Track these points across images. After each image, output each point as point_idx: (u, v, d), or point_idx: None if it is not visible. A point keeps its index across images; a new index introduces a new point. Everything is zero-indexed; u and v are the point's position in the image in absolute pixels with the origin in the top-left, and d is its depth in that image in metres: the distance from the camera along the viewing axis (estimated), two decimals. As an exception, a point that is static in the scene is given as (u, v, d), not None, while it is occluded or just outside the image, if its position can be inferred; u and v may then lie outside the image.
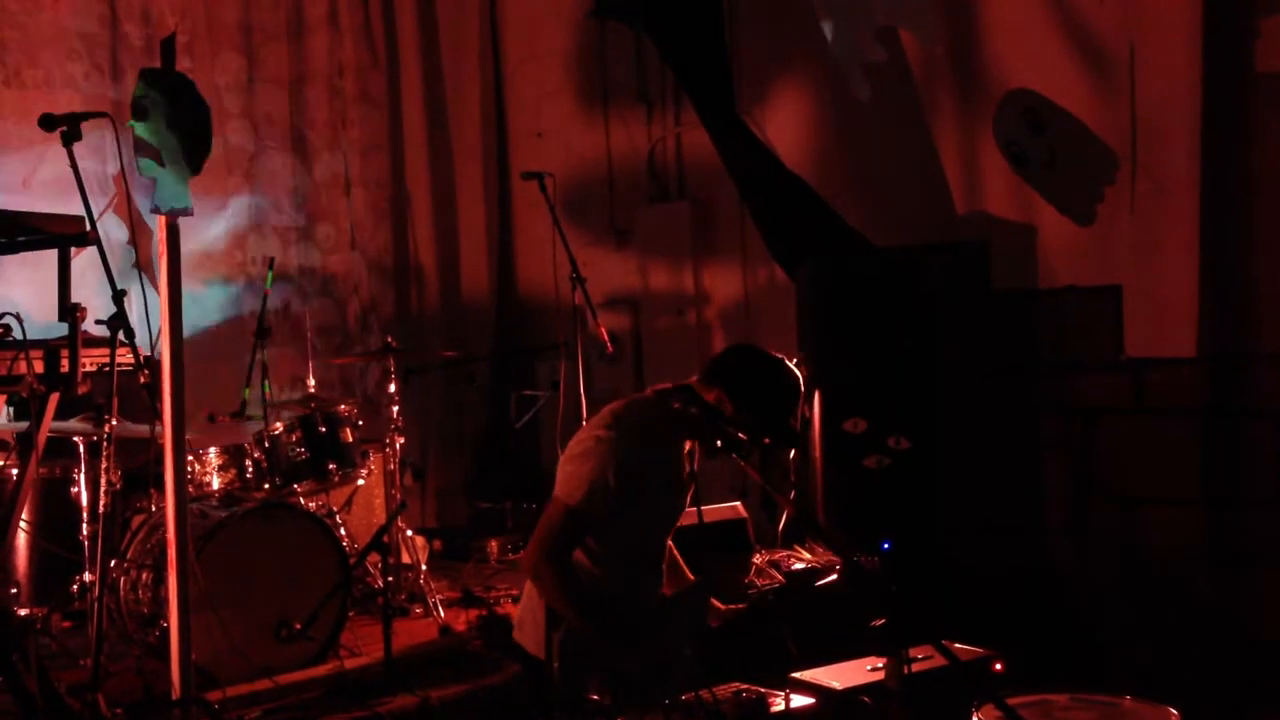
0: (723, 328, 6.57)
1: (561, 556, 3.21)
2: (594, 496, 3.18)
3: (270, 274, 5.54)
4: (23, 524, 4.43)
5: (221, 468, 4.89)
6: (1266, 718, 4.33)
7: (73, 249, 3.70)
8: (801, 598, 4.50)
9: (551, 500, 3.26)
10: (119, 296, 3.43)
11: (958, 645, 3.31)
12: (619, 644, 3.17)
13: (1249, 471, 4.65)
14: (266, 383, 5.29)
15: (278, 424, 4.98)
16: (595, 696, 2.62)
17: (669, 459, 3.40)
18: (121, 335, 3.47)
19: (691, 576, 3.60)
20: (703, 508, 4.88)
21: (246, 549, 4.24)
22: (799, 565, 5.03)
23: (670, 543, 3.61)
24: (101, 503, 3.90)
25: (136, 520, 4.57)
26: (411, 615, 5.04)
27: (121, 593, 4.32)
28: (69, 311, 3.53)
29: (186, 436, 3.71)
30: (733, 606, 3.50)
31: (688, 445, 3.45)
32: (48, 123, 3.35)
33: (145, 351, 3.62)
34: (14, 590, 4.50)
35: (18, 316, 3.52)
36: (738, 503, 5.11)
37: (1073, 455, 5.10)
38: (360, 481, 5.38)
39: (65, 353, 3.59)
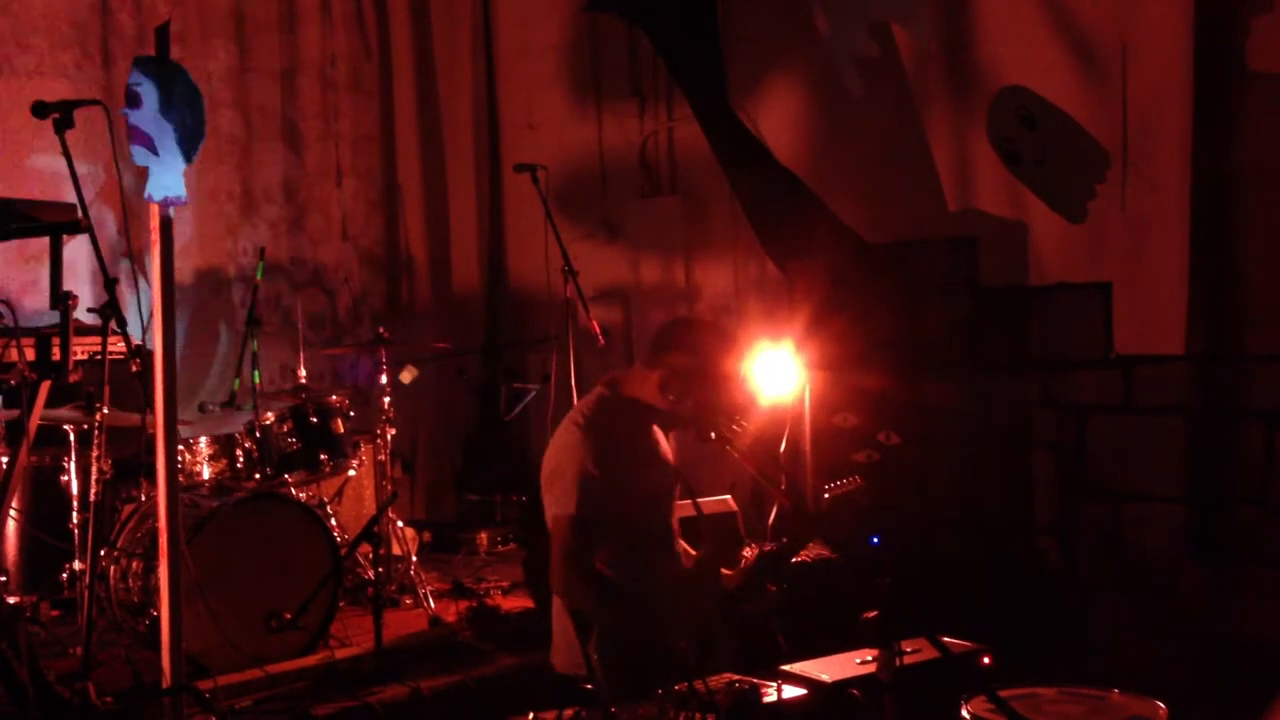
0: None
1: (583, 565, 3.24)
2: (587, 495, 3.23)
3: (261, 264, 5.52)
4: (13, 512, 4.43)
5: (212, 457, 4.88)
6: (1249, 713, 4.35)
7: (64, 237, 3.70)
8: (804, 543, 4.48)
9: (552, 523, 3.31)
10: (110, 285, 3.43)
11: (946, 639, 3.33)
12: (661, 632, 3.22)
13: (1236, 470, 4.68)
14: (257, 373, 5.28)
15: (269, 414, 4.97)
16: (589, 686, 2.63)
17: (640, 440, 3.45)
18: (113, 324, 3.47)
19: (693, 552, 3.66)
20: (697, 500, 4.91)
21: (237, 539, 4.24)
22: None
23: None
24: (92, 491, 3.89)
25: (127, 509, 4.56)
26: (402, 606, 5.04)
27: (111, 582, 4.31)
28: (60, 299, 3.52)
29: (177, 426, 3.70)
30: (742, 567, 3.53)
31: (653, 428, 3.49)
32: (40, 110, 3.34)
33: (136, 340, 3.61)
34: (3, 578, 4.49)
35: (9, 304, 3.51)
36: (728, 496, 5.13)
37: (1062, 452, 5.13)
38: (351, 472, 5.38)
39: (57, 340, 3.58)
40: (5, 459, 4.30)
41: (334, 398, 5.22)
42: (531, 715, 2.85)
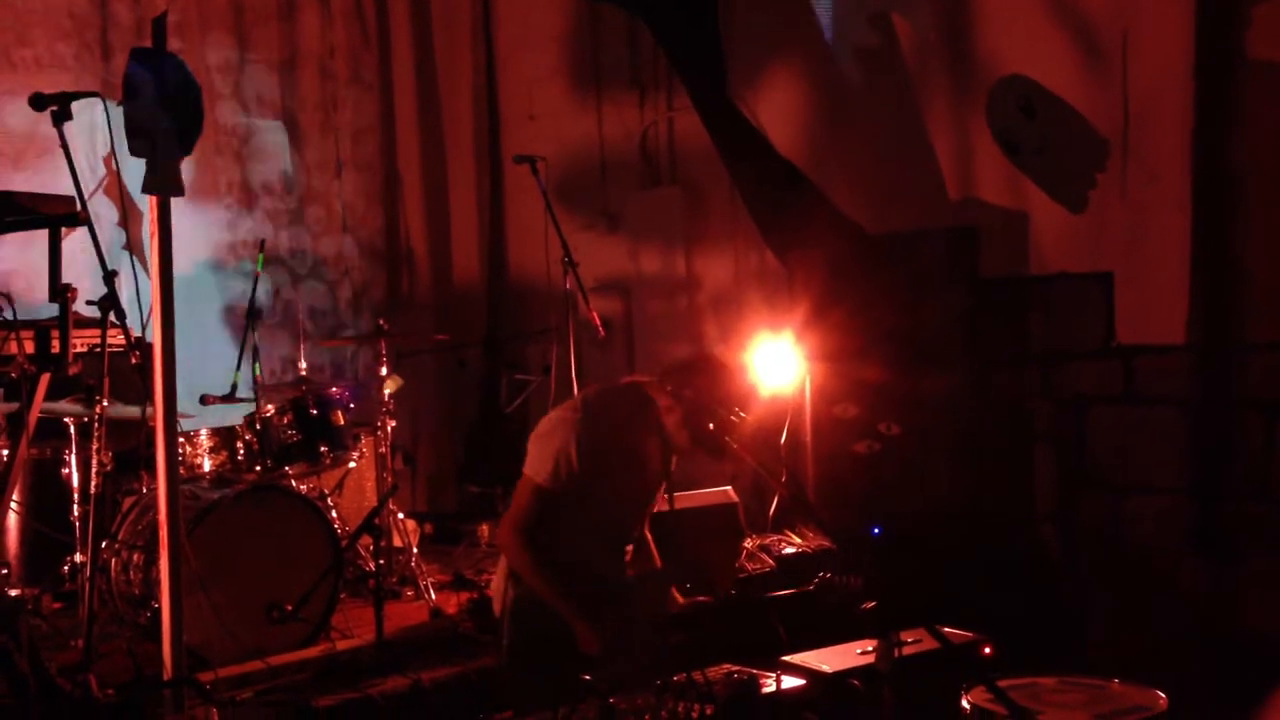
0: (714, 312, 6.57)
1: (530, 531, 3.42)
2: (558, 473, 3.40)
3: (261, 256, 5.52)
4: (13, 505, 4.43)
5: (213, 450, 4.88)
6: (1248, 705, 4.36)
7: (63, 229, 3.70)
8: (760, 604, 4.55)
9: (521, 478, 3.49)
10: (110, 277, 3.42)
11: (946, 630, 3.33)
12: (583, 616, 3.34)
13: (1236, 461, 4.67)
14: (257, 365, 5.28)
15: (269, 406, 4.97)
16: (588, 676, 2.64)
17: (635, 445, 3.55)
18: (112, 316, 3.46)
19: (659, 564, 3.71)
20: (694, 492, 4.94)
21: (238, 531, 4.24)
22: (790, 550, 5.06)
23: (648, 532, 3.71)
24: (92, 484, 3.89)
25: (127, 502, 4.56)
26: (403, 598, 5.05)
27: (112, 574, 4.31)
28: (59, 292, 3.52)
29: (177, 418, 3.70)
30: (695, 600, 3.59)
31: (656, 441, 3.53)
32: (38, 102, 3.33)
33: (136, 333, 3.61)
34: (4, 571, 4.49)
35: (8, 296, 3.51)
36: (729, 487, 5.13)
37: (1062, 442, 5.12)
38: (352, 464, 5.38)
39: (56, 333, 3.58)
40: (5, 452, 4.30)
41: (334, 390, 5.22)
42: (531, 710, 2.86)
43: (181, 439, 4.69)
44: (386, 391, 5.33)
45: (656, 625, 3.47)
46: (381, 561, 4.91)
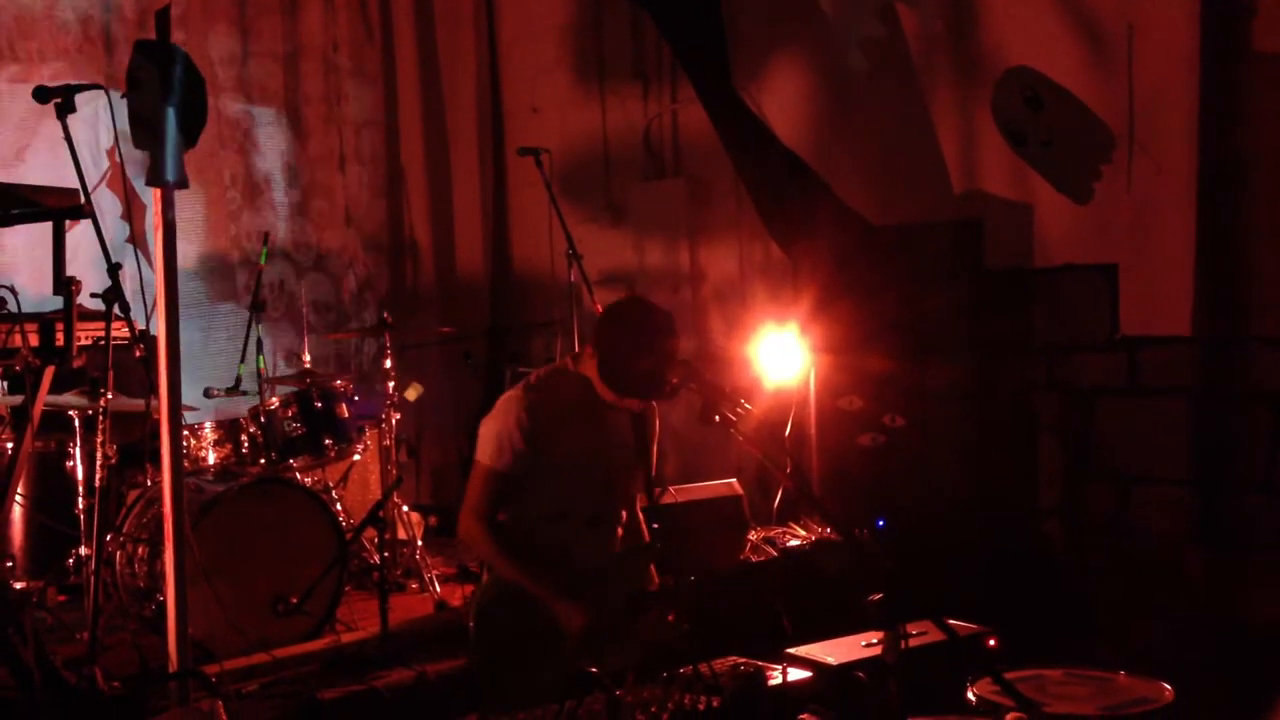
0: (718, 305, 6.56)
1: (488, 516, 3.37)
2: (503, 453, 3.34)
3: (265, 249, 5.52)
4: (18, 498, 4.44)
5: (217, 443, 4.89)
6: (1254, 697, 4.36)
7: (67, 222, 3.70)
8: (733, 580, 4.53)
9: (472, 467, 3.44)
10: (114, 270, 3.42)
11: (952, 622, 3.33)
12: (561, 593, 3.29)
13: (1241, 453, 4.66)
14: (262, 358, 5.28)
15: (273, 399, 4.97)
16: (594, 669, 2.63)
17: (588, 417, 3.46)
18: (116, 309, 3.47)
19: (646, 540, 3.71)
20: (699, 484, 4.94)
21: (242, 524, 4.25)
22: (794, 542, 5.05)
23: (640, 514, 3.68)
24: (97, 477, 3.90)
25: (132, 495, 4.57)
26: (407, 590, 5.06)
27: (117, 567, 4.33)
28: (64, 285, 3.52)
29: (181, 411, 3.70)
30: (660, 585, 3.56)
31: (616, 413, 3.48)
32: (42, 95, 3.34)
33: (140, 325, 3.61)
34: (10, 564, 4.51)
35: (13, 289, 3.52)
36: (733, 480, 5.13)
37: (1067, 434, 5.12)
38: (356, 457, 5.38)
39: (60, 326, 3.59)
40: (10, 445, 4.31)
41: (338, 382, 5.22)
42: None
43: (186, 432, 4.70)
44: (403, 394, 5.32)
45: (633, 603, 3.42)
46: (386, 554, 4.91)
